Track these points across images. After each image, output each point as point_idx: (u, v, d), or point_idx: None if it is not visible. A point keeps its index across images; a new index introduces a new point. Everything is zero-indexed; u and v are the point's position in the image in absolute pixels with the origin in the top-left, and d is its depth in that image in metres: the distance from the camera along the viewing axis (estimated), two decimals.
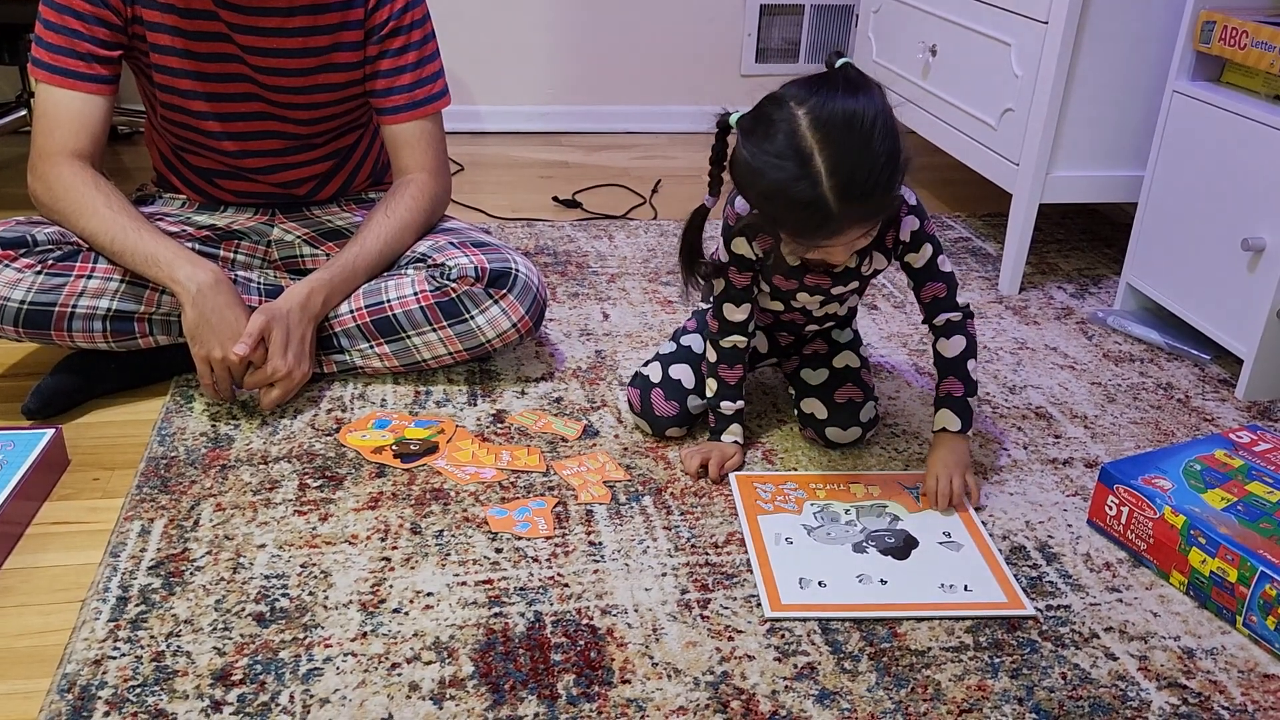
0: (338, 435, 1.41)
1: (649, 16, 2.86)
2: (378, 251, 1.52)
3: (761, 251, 1.32)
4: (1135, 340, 1.81)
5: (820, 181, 1.09)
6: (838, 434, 1.40)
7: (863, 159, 1.10)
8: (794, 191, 1.11)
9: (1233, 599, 1.13)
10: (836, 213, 1.11)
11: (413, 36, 1.52)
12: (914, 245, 1.32)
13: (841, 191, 1.10)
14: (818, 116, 1.10)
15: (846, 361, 1.45)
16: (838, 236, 1.15)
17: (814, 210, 1.11)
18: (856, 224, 1.15)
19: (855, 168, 1.10)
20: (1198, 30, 1.68)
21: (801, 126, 1.10)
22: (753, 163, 1.14)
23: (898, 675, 1.05)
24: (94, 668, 1.02)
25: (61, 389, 1.46)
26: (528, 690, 1.02)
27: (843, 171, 1.09)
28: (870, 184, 1.11)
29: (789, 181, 1.11)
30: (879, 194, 1.13)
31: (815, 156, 1.09)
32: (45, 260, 1.40)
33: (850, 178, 1.10)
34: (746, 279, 1.35)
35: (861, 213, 1.14)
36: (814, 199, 1.10)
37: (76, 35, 1.39)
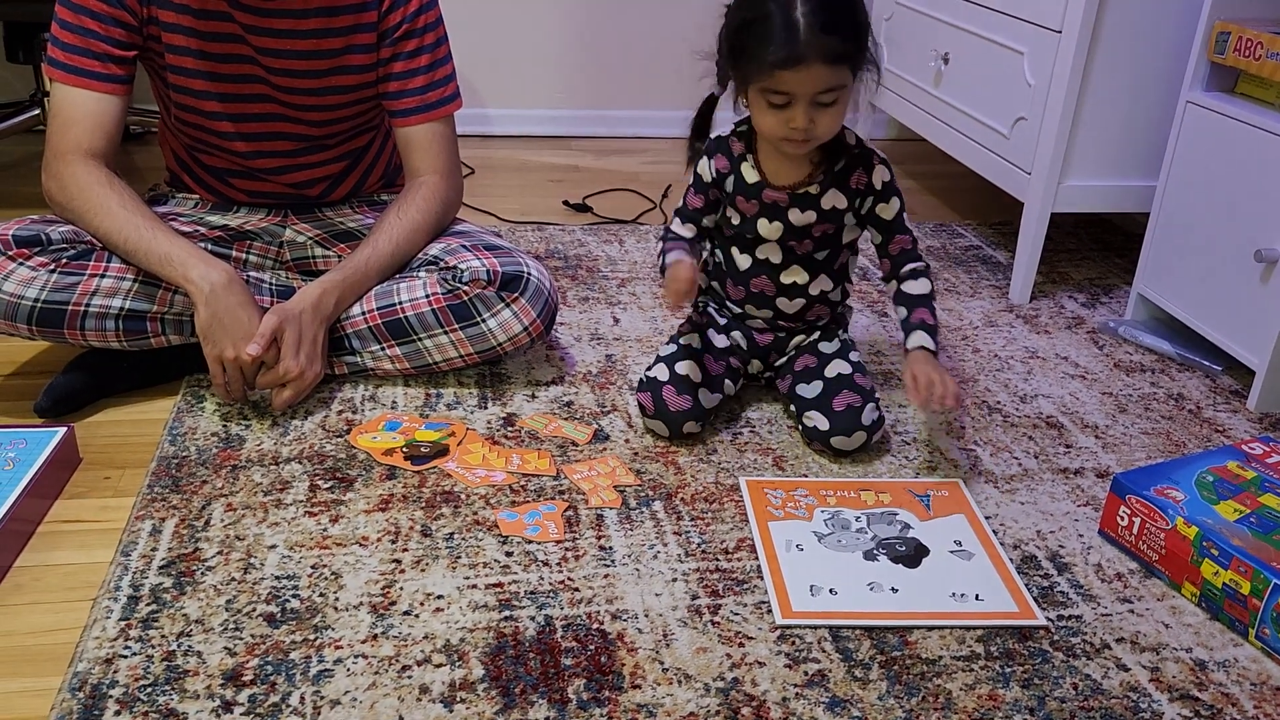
0: (348, 437, 1.41)
1: (659, 21, 2.87)
2: (389, 253, 1.52)
3: (718, 171, 1.43)
4: (1146, 350, 1.80)
5: (796, 5, 1.22)
6: (843, 442, 1.40)
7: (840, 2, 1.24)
8: (769, 15, 1.23)
9: (1245, 611, 1.13)
10: (804, 37, 1.22)
11: (426, 39, 1.53)
12: (884, 195, 1.41)
13: (812, 16, 1.22)
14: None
15: (839, 370, 1.45)
16: (801, 67, 1.24)
17: (783, 31, 1.23)
18: (820, 58, 1.24)
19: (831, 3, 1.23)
20: (1212, 41, 1.67)
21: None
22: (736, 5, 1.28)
23: (908, 684, 1.05)
24: (105, 666, 1.02)
25: (73, 388, 1.47)
26: (538, 694, 1.01)
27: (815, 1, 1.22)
28: (841, 19, 1.24)
29: (766, 7, 1.24)
30: (847, 35, 1.25)
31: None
32: (59, 259, 1.40)
33: (823, 7, 1.23)
34: (699, 201, 1.46)
35: (826, 46, 1.23)
36: (785, 19, 1.23)
37: (92, 35, 1.40)
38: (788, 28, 1.23)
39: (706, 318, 1.53)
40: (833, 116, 1.31)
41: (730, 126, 1.45)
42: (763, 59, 1.25)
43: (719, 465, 1.40)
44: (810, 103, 1.28)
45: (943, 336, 1.81)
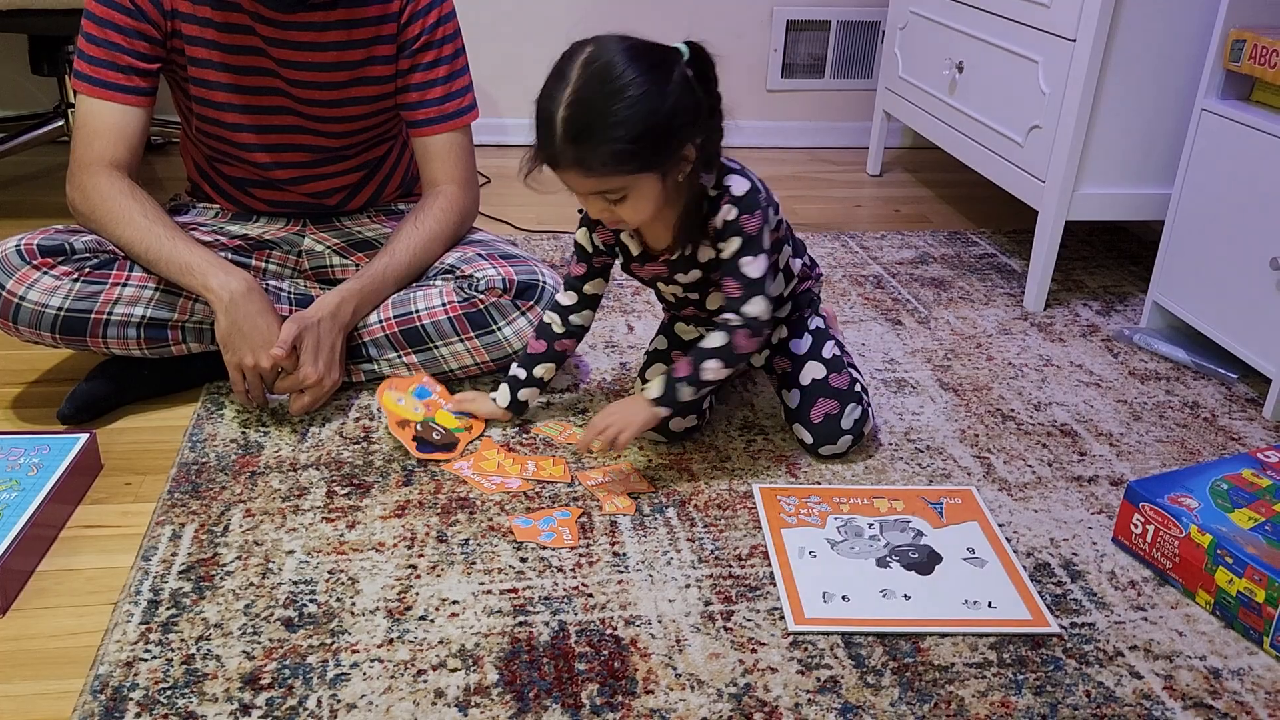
0: (376, 390, 1.46)
1: (675, 31, 2.86)
2: (407, 262, 1.54)
3: (602, 244, 1.39)
4: (1161, 358, 1.80)
5: (559, 106, 1.16)
6: (830, 450, 1.41)
7: (600, 111, 1.15)
8: (540, 104, 1.18)
9: (1260, 619, 1.12)
10: (558, 145, 1.17)
11: (444, 51, 1.54)
12: (724, 234, 1.29)
13: (566, 125, 1.15)
14: (591, 56, 1.18)
15: (812, 375, 1.43)
16: (559, 170, 1.20)
17: (545, 131, 1.18)
18: (573, 168, 1.18)
19: (589, 113, 1.15)
20: (1227, 49, 1.67)
21: (578, 58, 1.18)
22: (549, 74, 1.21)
23: (921, 690, 1.05)
24: (126, 669, 1.04)
25: (96, 395, 1.49)
26: (552, 699, 1.02)
27: (574, 106, 1.15)
28: (592, 137, 1.15)
29: (542, 95, 1.18)
30: (595, 148, 1.16)
31: (568, 85, 1.16)
32: (82, 268, 1.42)
33: (578, 117, 1.15)
34: (581, 269, 1.42)
35: (575, 156, 1.17)
36: (547, 119, 1.17)
37: (117, 49, 1.42)
38: (548, 126, 1.17)
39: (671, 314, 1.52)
40: (630, 209, 1.23)
41: None
42: (534, 145, 1.21)
43: (732, 472, 1.41)
44: (598, 197, 1.21)
45: (956, 344, 1.81)
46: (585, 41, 1.20)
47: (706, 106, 1.23)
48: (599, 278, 1.43)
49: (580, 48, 1.18)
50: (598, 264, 1.42)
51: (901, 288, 2.05)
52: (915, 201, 2.61)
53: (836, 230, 2.37)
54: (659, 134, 1.17)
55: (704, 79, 1.24)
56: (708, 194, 1.29)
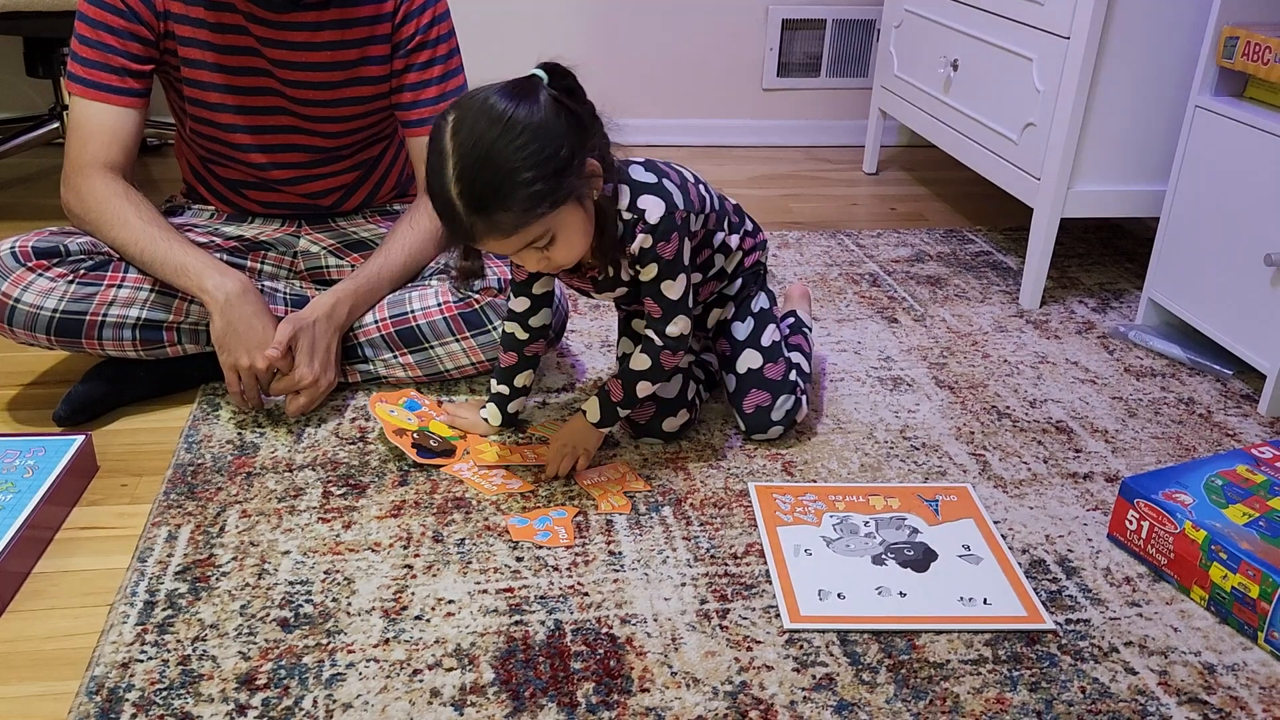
0: (368, 400, 1.46)
1: (671, 31, 2.88)
2: (402, 263, 1.54)
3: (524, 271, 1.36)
4: (1157, 355, 1.80)
5: (449, 185, 1.12)
6: (761, 437, 1.46)
7: (491, 170, 1.11)
8: (433, 192, 1.14)
9: (1254, 615, 1.13)
10: (465, 220, 1.13)
11: (438, 50, 1.54)
12: (641, 260, 1.28)
13: (465, 200, 1.11)
14: (460, 119, 1.13)
15: (748, 364, 1.44)
16: (480, 243, 1.18)
17: (448, 212, 1.14)
18: (490, 235, 1.15)
19: (480, 177, 1.10)
20: (1220, 46, 1.68)
21: (448, 128, 1.13)
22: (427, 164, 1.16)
23: (916, 687, 1.06)
24: (121, 670, 1.04)
25: (91, 396, 1.49)
26: (547, 698, 1.02)
27: (465, 179, 1.11)
28: (496, 198, 1.11)
29: (430, 184, 1.14)
30: (508, 211, 1.12)
31: (449, 161, 1.12)
32: (77, 270, 1.42)
33: (473, 188, 1.11)
34: (523, 274, 1.38)
35: (489, 224, 1.13)
36: (447, 200, 1.13)
37: (110, 50, 1.42)
38: (449, 209, 1.13)
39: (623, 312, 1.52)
40: (565, 247, 1.20)
41: None
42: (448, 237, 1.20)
43: (728, 471, 1.41)
44: (529, 250, 1.19)
45: (952, 342, 1.81)
46: (445, 113, 1.15)
47: (586, 116, 1.21)
48: (544, 277, 1.39)
49: (443, 120, 1.14)
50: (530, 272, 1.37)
51: (897, 286, 2.05)
52: (911, 200, 2.61)
53: (833, 229, 2.37)
54: (557, 164, 1.13)
55: (569, 93, 1.20)
56: (621, 215, 1.26)
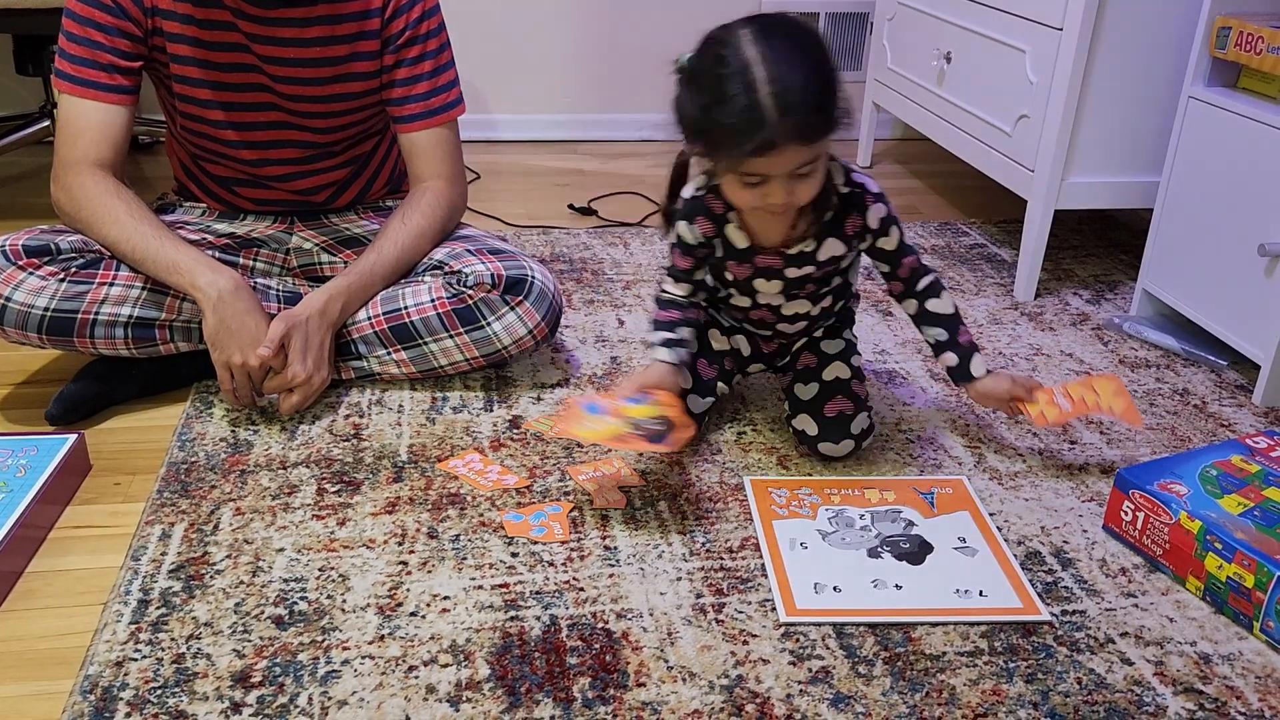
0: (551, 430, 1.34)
1: (664, 24, 2.88)
2: (395, 259, 1.54)
3: (704, 235, 1.34)
4: (1151, 346, 1.80)
5: (757, 88, 1.12)
6: (830, 448, 1.39)
7: (803, 73, 1.14)
8: (731, 100, 1.13)
9: (1249, 604, 1.13)
10: (772, 123, 1.12)
11: (429, 46, 1.54)
12: (883, 230, 1.35)
13: (778, 99, 1.12)
14: (761, 30, 1.15)
15: (836, 374, 1.43)
16: (773, 153, 1.15)
17: (750, 118, 1.13)
18: (792, 141, 1.15)
19: (795, 79, 1.13)
20: (1213, 36, 1.67)
21: (744, 40, 1.14)
22: (695, 82, 1.18)
23: (912, 680, 1.06)
24: (116, 669, 1.03)
25: (84, 395, 1.48)
26: (543, 693, 1.02)
27: (781, 80, 1.12)
28: (809, 99, 1.14)
29: (727, 91, 1.13)
30: (816, 112, 1.15)
31: (754, 66, 1.13)
32: (68, 268, 1.41)
33: (788, 87, 1.12)
34: (687, 263, 1.38)
35: (797, 128, 1.14)
36: (749, 105, 1.12)
37: (98, 47, 1.41)
38: (753, 113, 1.12)
39: (709, 316, 1.50)
40: (812, 184, 1.22)
41: (701, 178, 1.35)
42: (730, 148, 1.17)
43: (723, 465, 1.41)
44: (787, 177, 1.19)
45: None
46: (732, 25, 1.17)
47: None
48: (704, 266, 1.39)
49: (734, 31, 1.16)
50: (701, 254, 1.37)
51: None
52: (905, 192, 2.61)
53: None
54: (838, 90, 1.18)
55: None
56: (838, 189, 1.30)
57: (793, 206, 1.25)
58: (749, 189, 1.22)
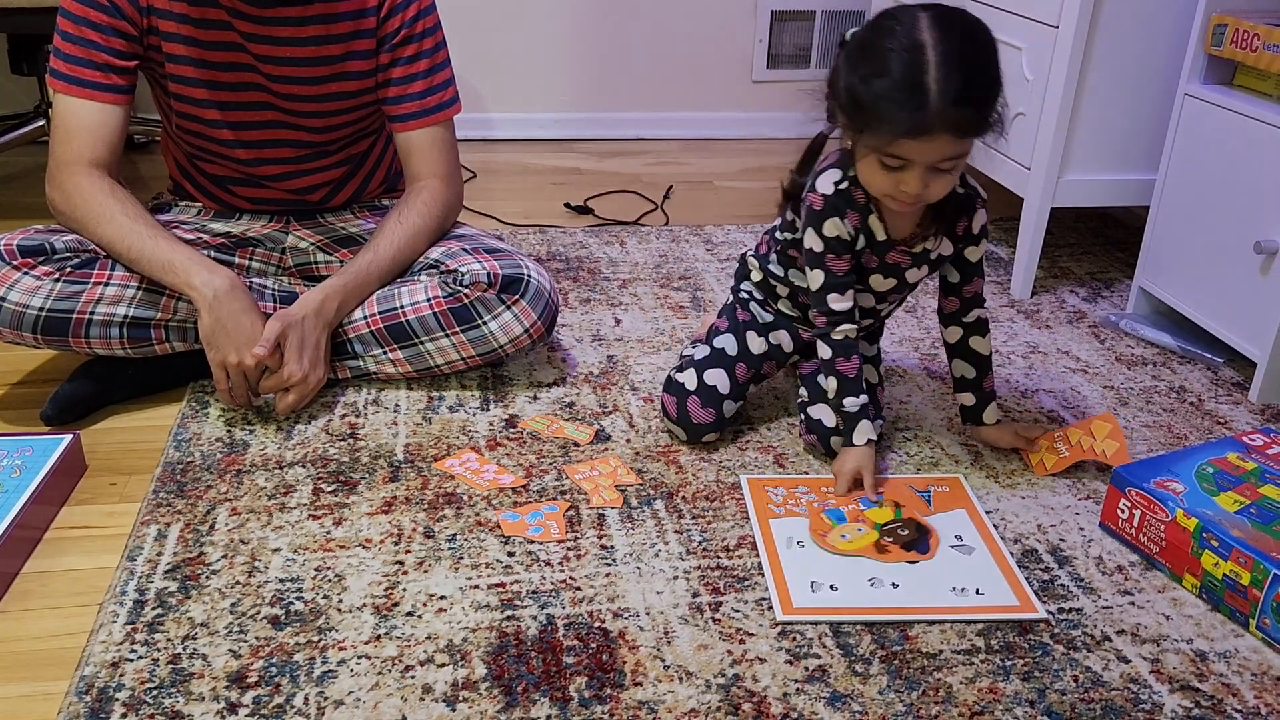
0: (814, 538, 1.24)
1: (660, 23, 2.88)
2: (391, 258, 1.53)
3: (852, 228, 1.29)
4: (1148, 344, 1.81)
5: (928, 70, 1.11)
6: (839, 444, 1.38)
7: (976, 65, 1.13)
8: (897, 75, 1.12)
9: (1246, 602, 1.13)
10: (933, 107, 1.11)
11: (424, 44, 1.54)
12: (977, 239, 1.35)
13: (944, 85, 1.11)
14: (939, 17, 1.14)
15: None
16: (926, 138, 1.14)
17: (913, 97, 1.12)
18: (948, 130, 1.13)
19: (965, 71, 1.12)
20: (1209, 33, 1.67)
21: (921, 22, 1.13)
22: (861, 53, 1.16)
23: (909, 678, 1.06)
24: (111, 670, 1.03)
25: (79, 395, 1.48)
26: (540, 692, 1.02)
27: (952, 66, 1.11)
28: (975, 92, 1.13)
29: (894, 66, 1.12)
30: (979, 107, 1.14)
31: (929, 48, 1.12)
32: (63, 268, 1.41)
33: (957, 75, 1.11)
34: (846, 263, 1.31)
35: (956, 119, 1.12)
36: (916, 84, 1.11)
37: (93, 46, 1.41)
38: (916, 93, 1.11)
39: (749, 315, 1.47)
40: (947, 181, 1.21)
41: (835, 170, 1.30)
42: (882, 124, 1.14)
43: (720, 464, 1.41)
44: (927, 168, 1.17)
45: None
46: (909, 6, 1.15)
47: None
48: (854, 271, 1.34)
49: (912, 11, 1.14)
50: (854, 250, 1.32)
51: None
52: None
53: None
54: (1001, 92, 1.17)
55: None
56: (956, 189, 1.29)
57: (923, 200, 1.22)
58: (886, 172, 1.20)
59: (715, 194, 2.58)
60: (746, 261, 1.51)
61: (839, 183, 1.29)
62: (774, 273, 1.44)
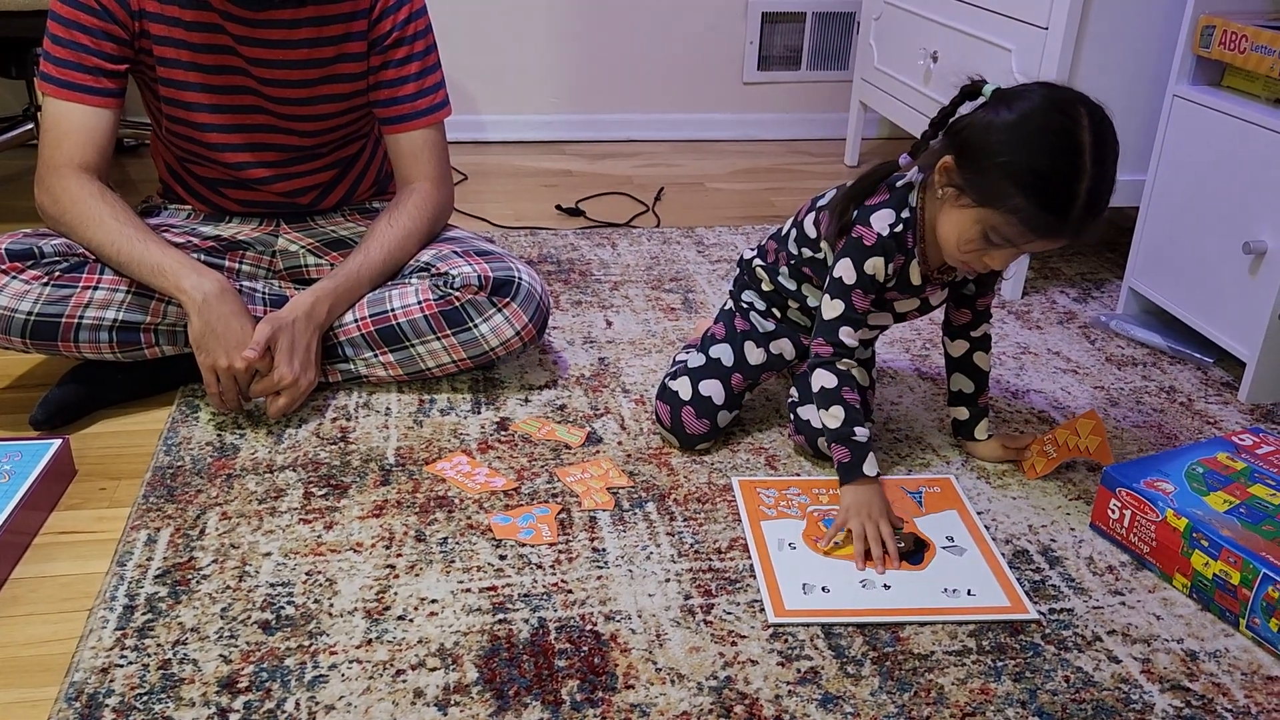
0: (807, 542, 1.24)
1: (651, 25, 2.88)
2: (381, 260, 1.53)
3: (893, 270, 1.28)
4: (1138, 344, 1.81)
5: (1080, 181, 1.10)
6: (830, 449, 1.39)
7: (1111, 178, 1.13)
8: (1051, 180, 1.11)
9: (1235, 601, 1.13)
10: (1075, 219, 1.12)
11: (415, 47, 1.53)
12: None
13: (1090, 200, 1.11)
14: (1097, 121, 1.12)
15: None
16: (1051, 239, 1.16)
17: (1061, 204, 1.11)
18: (1070, 236, 1.15)
19: (1107, 186, 1.13)
20: (1198, 34, 1.68)
21: (1084, 123, 1.11)
22: (1017, 133, 1.13)
23: (901, 679, 1.06)
24: (101, 676, 1.03)
25: (68, 400, 1.47)
26: (531, 696, 1.02)
27: (1099, 181, 1.11)
28: (1105, 204, 1.13)
29: (1052, 169, 1.11)
30: (1099, 218, 1.14)
31: (1086, 155, 1.10)
32: (52, 272, 1.41)
33: (1102, 193, 1.12)
34: (868, 303, 1.29)
35: (1082, 228, 1.14)
36: (1070, 192, 1.11)
37: (84, 50, 1.40)
38: (1064, 202, 1.11)
39: (748, 325, 1.46)
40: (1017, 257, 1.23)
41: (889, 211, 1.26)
42: (1018, 213, 1.13)
43: (711, 466, 1.41)
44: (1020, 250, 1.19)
45: (934, 334, 1.81)
46: (1069, 94, 1.14)
47: None
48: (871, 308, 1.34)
49: (1075, 105, 1.12)
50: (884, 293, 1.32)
51: None
52: None
53: None
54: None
55: None
56: None
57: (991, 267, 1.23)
58: (982, 244, 1.18)
59: (706, 195, 2.58)
60: (753, 269, 1.47)
61: (894, 225, 1.26)
62: (785, 286, 1.43)
